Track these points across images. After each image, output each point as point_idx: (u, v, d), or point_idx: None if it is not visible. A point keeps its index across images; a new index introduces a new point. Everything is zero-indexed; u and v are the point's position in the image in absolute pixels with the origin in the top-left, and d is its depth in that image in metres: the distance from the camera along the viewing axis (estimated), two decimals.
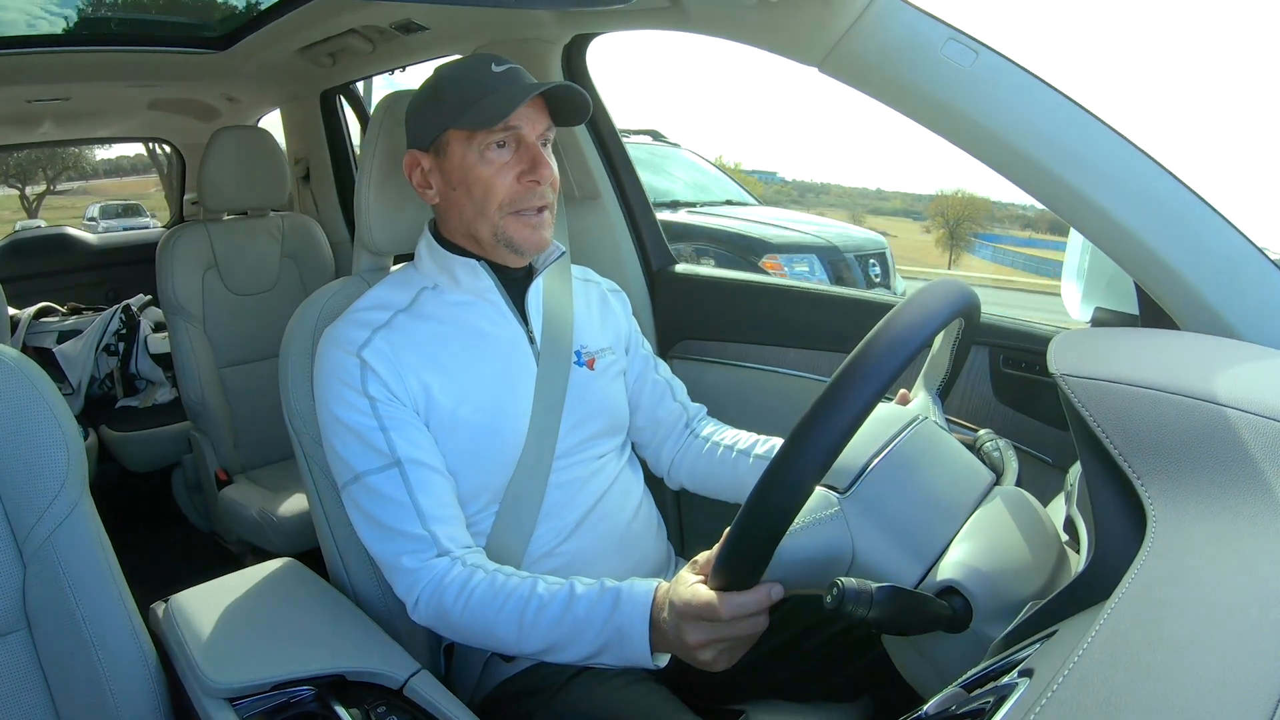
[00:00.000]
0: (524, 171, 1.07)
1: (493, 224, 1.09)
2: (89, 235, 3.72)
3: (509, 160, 1.07)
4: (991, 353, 1.31)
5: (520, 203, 1.08)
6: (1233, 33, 64.45)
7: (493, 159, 1.07)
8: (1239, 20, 66.07)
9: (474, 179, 1.07)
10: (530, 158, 1.07)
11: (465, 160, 1.07)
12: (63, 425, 0.92)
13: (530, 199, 1.08)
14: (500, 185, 1.07)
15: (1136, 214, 0.93)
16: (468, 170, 1.07)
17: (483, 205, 1.08)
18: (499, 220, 1.09)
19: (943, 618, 0.71)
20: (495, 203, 1.08)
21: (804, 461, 0.69)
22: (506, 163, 1.07)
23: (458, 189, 1.09)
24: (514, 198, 1.08)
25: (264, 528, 2.05)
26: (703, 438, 1.32)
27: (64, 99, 2.66)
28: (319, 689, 0.95)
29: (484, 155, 1.07)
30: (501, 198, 1.07)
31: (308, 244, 2.51)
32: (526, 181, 1.07)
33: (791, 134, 76.63)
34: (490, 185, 1.07)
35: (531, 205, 1.09)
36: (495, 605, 0.98)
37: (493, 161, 1.07)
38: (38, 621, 0.93)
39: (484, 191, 1.07)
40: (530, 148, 1.08)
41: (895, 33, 0.97)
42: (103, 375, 2.84)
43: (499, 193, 1.07)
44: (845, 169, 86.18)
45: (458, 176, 1.08)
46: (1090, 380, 0.73)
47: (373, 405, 1.04)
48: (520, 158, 1.08)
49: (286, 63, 2.25)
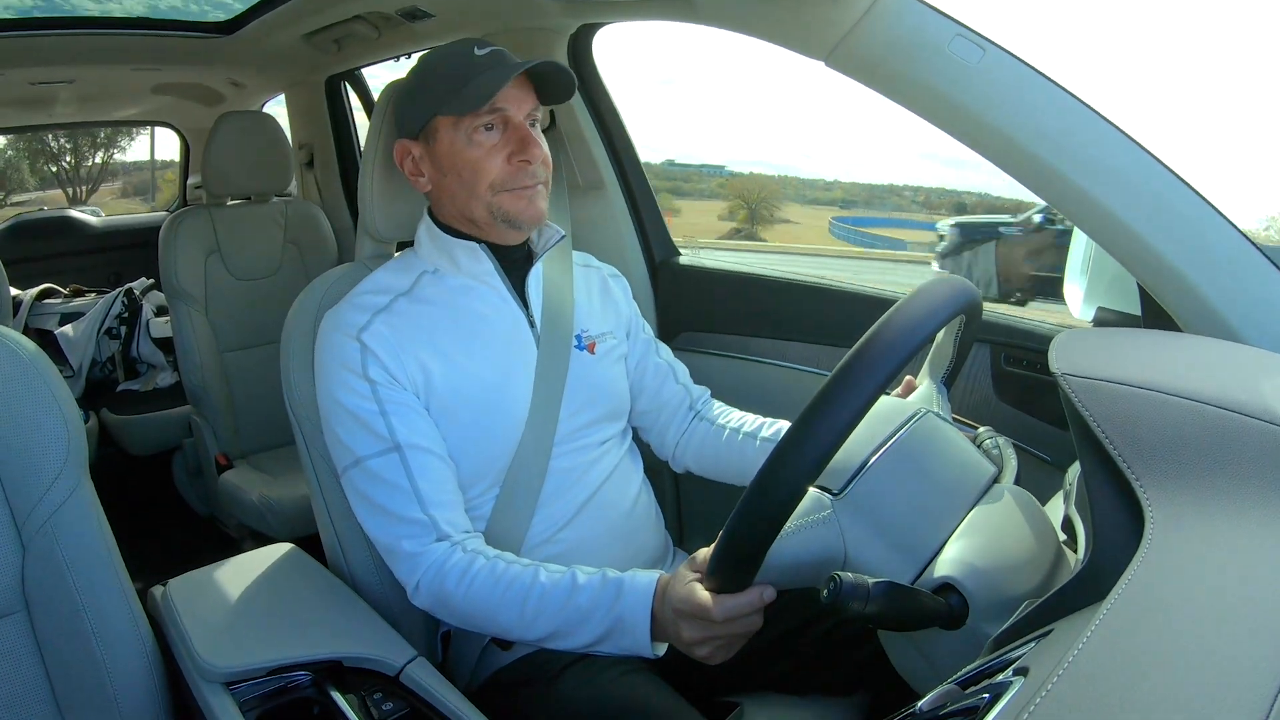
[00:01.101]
0: (514, 152, 1.07)
1: (486, 203, 1.09)
2: (92, 218, 3.72)
3: (497, 142, 1.07)
4: (993, 350, 1.31)
5: (512, 182, 1.08)
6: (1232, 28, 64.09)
7: (481, 141, 1.07)
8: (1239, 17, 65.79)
9: (463, 163, 1.07)
10: (519, 138, 1.07)
11: (454, 145, 1.07)
12: (63, 408, 0.92)
13: (522, 178, 1.08)
14: (490, 167, 1.07)
15: (1140, 214, 0.93)
16: (457, 155, 1.07)
17: (474, 187, 1.08)
18: (491, 199, 1.08)
19: (939, 614, 0.71)
20: (486, 183, 1.08)
21: (794, 468, 0.69)
22: (495, 144, 1.07)
23: (448, 174, 1.09)
24: (505, 178, 1.08)
25: (263, 513, 2.05)
26: (708, 420, 1.32)
27: (68, 81, 2.65)
28: (316, 674, 0.96)
29: (472, 139, 1.07)
30: (492, 179, 1.07)
31: (311, 230, 2.51)
32: (517, 162, 1.07)
33: (745, 123, 76.04)
34: (480, 168, 1.07)
35: (523, 183, 1.09)
36: (498, 591, 0.98)
37: (481, 144, 1.07)
38: (36, 604, 0.93)
39: (474, 174, 1.07)
40: (518, 128, 1.08)
41: (902, 28, 0.96)
42: (104, 358, 2.84)
43: (489, 174, 1.07)
44: (805, 159, 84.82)
45: (448, 162, 1.08)
46: (1091, 380, 0.73)
47: (373, 389, 1.04)
48: (509, 139, 1.08)
49: (292, 48, 2.25)
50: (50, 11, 2.03)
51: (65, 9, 2.03)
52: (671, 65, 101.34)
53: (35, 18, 2.01)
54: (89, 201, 8.09)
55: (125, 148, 8.51)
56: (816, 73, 1.05)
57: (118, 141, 8.49)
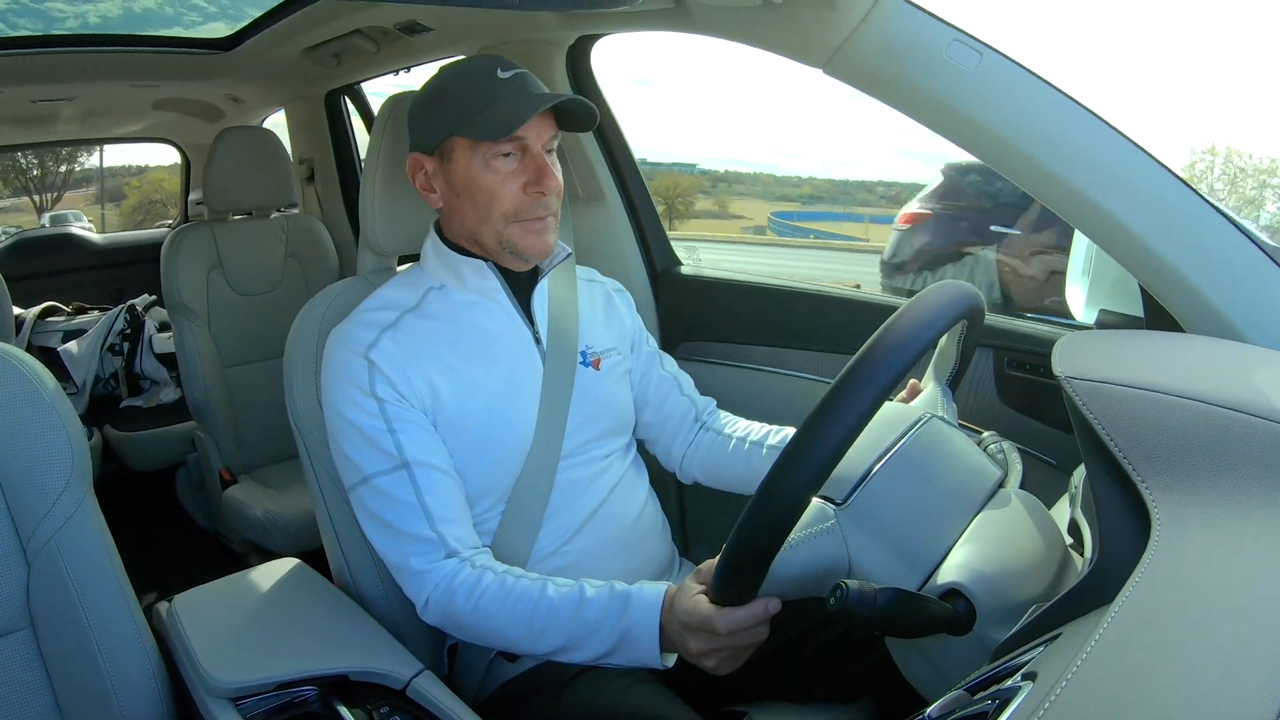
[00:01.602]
0: (529, 182, 1.06)
1: (496, 231, 1.08)
2: (94, 235, 3.73)
3: (514, 170, 1.06)
4: (996, 354, 1.31)
5: (525, 213, 1.07)
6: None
7: (498, 168, 1.06)
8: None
9: (478, 188, 1.07)
10: (536, 168, 1.06)
11: (470, 169, 1.06)
12: (67, 425, 0.92)
13: (535, 209, 1.08)
14: (505, 195, 1.06)
15: (1141, 216, 0.93)
16: (472, 179, 1.07)
17: (487, 213, 1.08)
18: (503, 229, 1.08)
19: (946, 620, 0.71)
20: (499, 211, 1.07)
21: (796, 480, 0.69)
22: (512, 172, 1.06)
23: (461, 195, 1.08)
24: (519, 208, 1.07)
25: (268, 528, 2.05)
26: (714, 430, 1.32)
27: (69, 99, 2.66)
28: (322, 689, 0.96)
29: (489, 164, 1.06)
30: (506, 207, 1.07)
31: (312, 244, 2.52)
32: (532, 192, 1.07)
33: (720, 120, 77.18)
34: (495, 195, 1.06)
35: (536, 215, 1.08)
36: (506, 607, 0.98)
37: (498, 171, 1.06)
38: (41, 621, 0.93)
39: (488, 200, 1.07)
40: (536, 158, 1.07)
41: (900, 34, 0.96)
42: (107, 375, 2.84)
43: (504, 202, 1.07)
44: (787, 159, 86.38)
45: (462, 184, 1.08)
46: (1095, 383, 0.73)
47: (380, 406, 1.04)
48: (526, 167, 1.07)
49: (291, 63, 2.26)
50: (49, 29, 2.04)
51: (52, 13, 2.04)
52: (649, 66, 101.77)
53: (34, 36, 2.03)
54: (54, 207, 8.35)
55: (84, 163, 8.83)
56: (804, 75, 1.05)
57: (77, 157, 8.77)
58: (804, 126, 57.27)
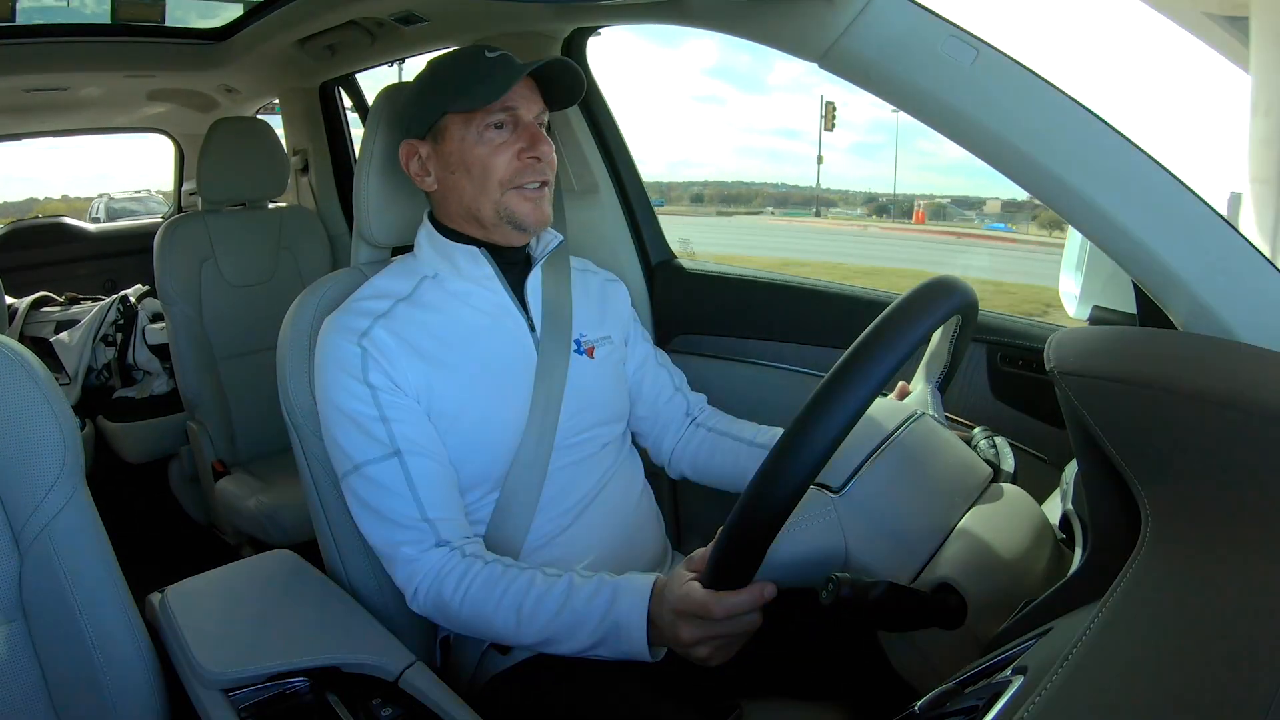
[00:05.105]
0: (524, 149, 1.08)
1: (494, 200, 1.09)
2: (87, 225, 3.71)
3: (507, 139, 1.08)
4: (989, 350, 1.31)
5: (520, 178, 1.09)
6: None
7: (491, 139, 1.08)
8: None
9: (473, 159, 1.08)
10: (529, 135, 1.09)
11: (464, 143, 1.08)
12: (59, 415, 0.92)
13: (530, 174, 1.09)
14: (500, 163, 1.08)
15: (1135, 212, 0.93)
16: (466, 151, 1.08)
17: (483, 183, 1.08)
18: (500, 196, 1.09)
19: (938, 614, 0.71)
20: (495, 180, 1.08)
21: (796, 464, 0.69)
22: (505, 141, 1.08)
23: (456, 171, 1.09)
24: (514, 174, 1.08)
25: (260, 519, 2.05)
26: (705, 427, 1.33)
27: (62, 89, 2.65)
28: (314, 680, 0.96)
29: (482, 135, 1.07)
30: (502, 175, 1.08)
31: (305, 236, 2.51)
32: (526, 158, 1.08)
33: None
34: (489, 164, 1.08)
35: (532, 180, 1.09)
36: (494, 596, 0.98)
37: (491, 141, 1.08)
38: (34, 612, 0.93)
39: (484, 170, 1.08)
40: (528, 126, 1.09)
41: (896, 29, 0.96)
42: (100, 366, 2.83)
43: (499, 170, 1.08)
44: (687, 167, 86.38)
45: (456, 159, 1.09)
46: (1087, 378, 0.73)
47: (373, 394, 1.04)
48: (519, 136, 1.09)
49: (285, 54, 2.24)
50: (46, 18, 2.03)
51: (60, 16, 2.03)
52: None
53: (27, 25, 2.01)
54: None
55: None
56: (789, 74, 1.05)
57: None
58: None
